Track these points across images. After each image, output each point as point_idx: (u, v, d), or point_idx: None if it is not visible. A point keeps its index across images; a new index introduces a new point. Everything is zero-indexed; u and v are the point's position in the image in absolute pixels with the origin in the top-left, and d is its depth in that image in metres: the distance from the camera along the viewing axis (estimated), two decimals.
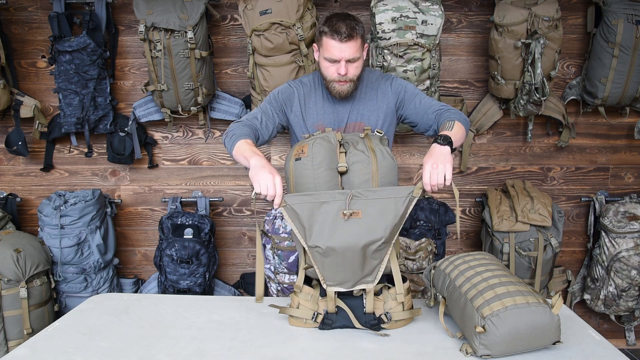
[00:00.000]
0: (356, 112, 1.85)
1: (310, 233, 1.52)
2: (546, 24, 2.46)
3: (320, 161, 1.61)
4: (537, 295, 1.44)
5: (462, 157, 2.92)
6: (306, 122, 1.85)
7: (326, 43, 1.73)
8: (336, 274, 1.55)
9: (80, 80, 2.65)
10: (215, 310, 1.77)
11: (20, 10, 2.82)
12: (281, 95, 1.86)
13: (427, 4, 2.39)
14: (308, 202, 1.53)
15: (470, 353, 1.43)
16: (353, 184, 1.62)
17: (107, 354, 1.47)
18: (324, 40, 1.74)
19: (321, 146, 1.62)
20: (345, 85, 1.77)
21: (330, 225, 1.51)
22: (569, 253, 3.04)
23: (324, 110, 1.85)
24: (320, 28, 1.77)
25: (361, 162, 1.62)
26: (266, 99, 1.87)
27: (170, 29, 2.44)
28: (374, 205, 1.53)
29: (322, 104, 1.85)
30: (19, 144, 2.76)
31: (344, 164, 1.62)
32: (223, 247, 3.05)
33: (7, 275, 2.40)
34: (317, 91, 1.88)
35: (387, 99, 1.87)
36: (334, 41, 1.71)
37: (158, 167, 2.98)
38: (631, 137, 2.92)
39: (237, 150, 1.64)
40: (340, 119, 1.85)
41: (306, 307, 1.63)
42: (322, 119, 1.85)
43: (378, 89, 1.88)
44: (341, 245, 1.51)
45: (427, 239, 2.59)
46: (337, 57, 1.72)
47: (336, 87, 1.78)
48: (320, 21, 1.82)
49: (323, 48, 1.75)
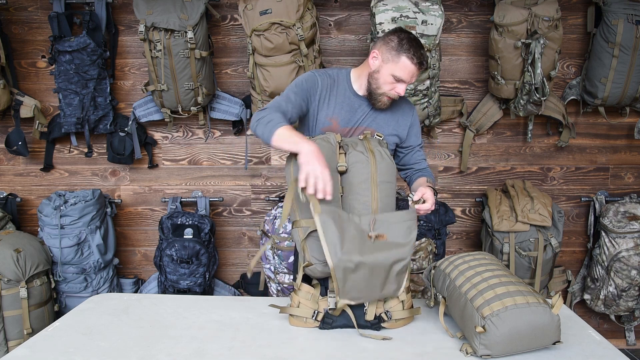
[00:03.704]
0: (372, 119, 1.86)
1: (342, 246, 1.50)
2: (546, 24, 2.46)
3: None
4: (537, 295, 1.44)
5: (462, 157, 2.92)
6: (320, 113, 1.83)
7: (403, 63, 1.72)
8: (356, 290, 1.54)
9: (80, 80, 2.65)
10: (215, 310, 1.77)
11: (20, 10, 2.82)
12: (306, 84, 1.81)
13: (427, 4, 2.39)
14: (339, 216, 1.54)
15: (470, 353, 1.43)
16: (352, 183, 1.63)
17: (107, 354, 1.47)
18: (402, 59, 1.71)
19: (321, 147, 1.62)
20: (390, 101, 1.81)
21: (360, 242, 1.52)
22: (569, 253, 3.04)
23: (341, 107, 1.83)
24: (398, 43, 1.73)
25: (360, 163, 1.63)
26: (290, 88, 1.81)
27: (170, 29, 2.44)
28: (398, 228, 1.57)
29: (342, 100, 1.84)
30: (19, 144, 2.76)
31: (343, 163, 1.63)
32: (223, 247, 3.05)
33: (7, 275, 2.40)
34: (339, 86, 1.86)
35: (404, 121, 1.91)
36: (413, 65, 1.72)
37: (158, 167, 2.98)
38: (631, 137, 2.92)
39: (279, 136, 1.60)
40: (354, 119, 1.85)
41: (306, 306, 1.63)
42: (337, 114, 1.83)
43: (400, 108, 1.91)
44: (372, 261, 1.51)
45: (427, 239, 2.59)
46: (407, 80, 1.74)
47: (383, 100, 1.79)
48: (387, 33, 1.79)
49: (396, 65, 1.73)
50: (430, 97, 2.56)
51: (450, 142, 2.97)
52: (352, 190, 1.63)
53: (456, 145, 2.96)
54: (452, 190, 2.99)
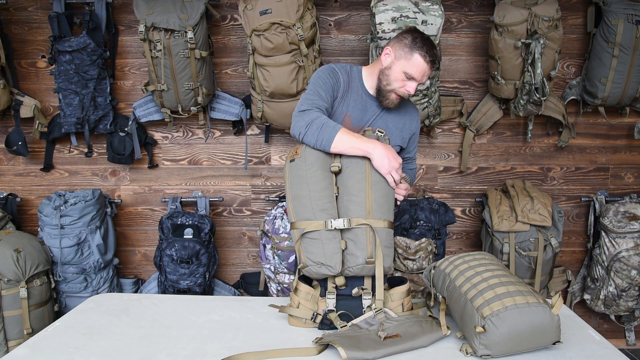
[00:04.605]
0: (382, 121, 1.86)
1: (358, 350, 1.43)
2: (546, 24, 2.46)
3: (312, 161, 1.62)
4: (537, 295, 1.44)
5: (462, 157, 2.92)
6: (338, 109, 1.81)
7: (416, 60, 1.71)
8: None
9: (80, 80, 2.65)
10: (215, 310, 1.77)
11: (20, 10, 2.82)
12: (330, 80, 1.78)
13: (427, 4, 2.39)
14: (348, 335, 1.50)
15: (470, 353, 1.43)
16: (347, 184, 1.62)
17: (107, 354, 1.47)
18: (415, 56, 1.71)
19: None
20: (398, 100, 1.80)
21: (373, 344, 1.46)
22: (569, 253, 3.04)
23: (355, 105, 1.83)
24: (411, 41, 1.73)
25: (355, 163, 1.62)
26: (317, 84, 1.76)
27: (170, 29, 2.44)
28: (412, 326, 1.53)
29: (356, 98, 1.84)
30: (19, 144, 2.76)
31: (336, 163, 1.63)
32: (223, 247, 3.05)
33: (7, 275, 2.40)
34: (353, 83, 1.85)
35: (411, 125, 1.94)
36: (425, 63, 1.72)
37: (158, 167, 2.98)
38: (631, 137, 2.92)
39: (341, 143, 1.60)
40: (365, 118, 1.85)
41: (306, 307, 1.63)
42: (351, 111, 1.82)
43: (407, 113, 1.93)
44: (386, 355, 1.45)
45: (427, 239, 2.59)
46: (418, 78, 1.74)
47: (391, 97, 1.79)
48: (401, 32, 1.80)
49: (408, 62, 1.72)
50: (430, 97, 2.56)
51: (450, 142, 2.97)
52: (347, 191, 1.62)
53: (456, 145, 2.96)
54: (452, 190, 2.99)
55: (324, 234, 1.58)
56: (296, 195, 1.63)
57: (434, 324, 1.55)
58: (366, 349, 1.41)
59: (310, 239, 1.60)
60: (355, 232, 1.60)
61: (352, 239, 1.60)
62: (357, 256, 1.58)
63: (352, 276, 1.63)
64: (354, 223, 1.58)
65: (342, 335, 1.48)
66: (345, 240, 1.60)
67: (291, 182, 1.65)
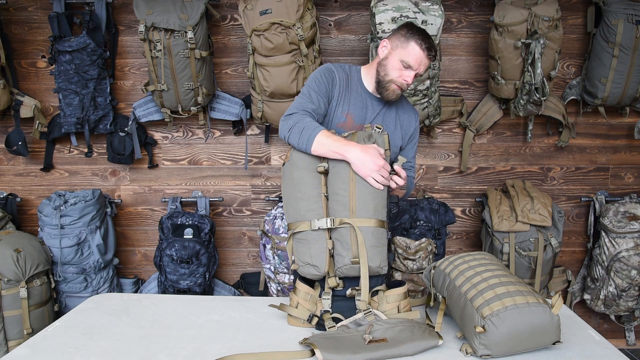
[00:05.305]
0: (383, 119, 1.87)
1: (337, 352, 1.41)
2: (546, 24, 2.46)
3: (299, 163, 1.64)
4: (537, 295, 1.44)
5: (462, 157, 2.92)
6: (338, 108, 1.81)
7: (412, 48, 1.72)
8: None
9: (80, 80, 2.65)
10: (215, 310, 1.77)
11: (20, 10, 2.82)
12: (325, 80, 1.78)
13: (427, 4, 2.39)
14: (335, 336, 1.47)
15: (470, 353, 1.43)
16: (333, 184, 1.62)
17: (107, 354, 1.47)
18: (411, 44, 1.72)
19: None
20: (398, 91, 1.79)
21: (355, 347, 1.42)
22: (569, 253, 3.04)
23: (355, 103, 1.83)
24: (407, 31, 1.74)
25: (340, 162, 1.61)
26: (310, 86, 1.77)
27: (170, 29, 2.44)
28: (402, 331, 1.48)
29: (356, 96, 1.84)
30: (19, 144, 2.76)
31: (322, 164, 1.63)
32: (223, 247, 3.05)
33: (7, 275, 2.40)
34: (353, 82, 1.85)
35: (410, 125, 1.93)
36: (421, 51, 1.72)
37: (158, 167, 2.98)
38: (631, 137, 2.92)
39: (320, 145, 1.59)
40: (367, 117, 1.85)
41: (305, 307, 1.62)
42: (352, 110, 1.83)
43: (406, 113, 1.93)
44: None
45: (427, 239, 2.59)
46: (414, 66, 1.74)
47: (392, 88, 1.78)
48: (398, 27, 1.80)
49: (404, 50, 1.73)
50: (430, 97, 2.56)
51: (450, 142, 2.97)
52: (334, 191, 1.62)
53: (456, 145, 2.96)
54: (452, 190, 2.99)
55: (311, 234, 1.60)
56: (287, 197, 1.66)
57: (426, 332, 1.49)
58: (345, 352, 1.38)
59: (299, 240, 1.63)
60: (341, 232, 1.59)
61: (338, 239, 1.60)
62: (343, 256, 1.58)
63: (351, 277, 1.62)
64: (337, 223, 1.58)
65: (326, 337, 1.47)
66: (333, 240, 1.60)
67: (284, 184, 1.69)
